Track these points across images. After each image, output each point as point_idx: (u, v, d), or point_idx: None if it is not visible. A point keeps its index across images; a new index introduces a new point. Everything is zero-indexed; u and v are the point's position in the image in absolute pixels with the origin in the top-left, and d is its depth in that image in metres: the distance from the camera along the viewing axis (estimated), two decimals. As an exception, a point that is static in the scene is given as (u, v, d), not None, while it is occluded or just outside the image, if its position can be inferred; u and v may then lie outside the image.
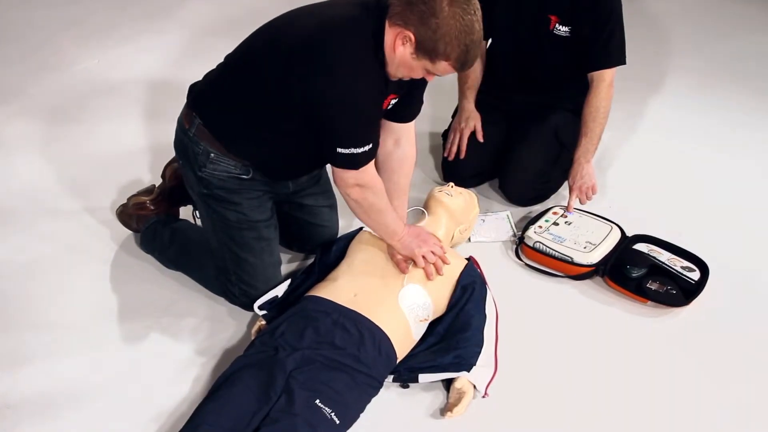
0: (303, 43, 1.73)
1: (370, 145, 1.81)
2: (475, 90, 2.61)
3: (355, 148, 1.79)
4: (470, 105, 2.60)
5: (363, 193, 1.89)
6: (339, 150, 1.79)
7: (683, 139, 3.03)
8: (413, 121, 2.07)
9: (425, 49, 1.70)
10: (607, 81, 2.40)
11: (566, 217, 2.44)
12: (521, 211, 2.59)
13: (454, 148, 2.59)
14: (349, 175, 1.85)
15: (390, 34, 1.72)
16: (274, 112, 1.84)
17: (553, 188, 2.62)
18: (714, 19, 4.06)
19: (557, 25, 2.37)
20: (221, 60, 1.96)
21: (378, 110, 1.87)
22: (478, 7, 1.70)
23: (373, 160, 1.87)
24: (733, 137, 3.06)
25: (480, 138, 2.58)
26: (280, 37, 1.80)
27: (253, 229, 2.04)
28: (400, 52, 1.73)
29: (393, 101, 1.92)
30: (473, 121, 2.58)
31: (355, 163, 1.82)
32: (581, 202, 2.45)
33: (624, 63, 2.40)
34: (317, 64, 1.71)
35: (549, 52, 2.45)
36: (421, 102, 2.05)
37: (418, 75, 1.80)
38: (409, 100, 1.98)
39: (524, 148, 2.54)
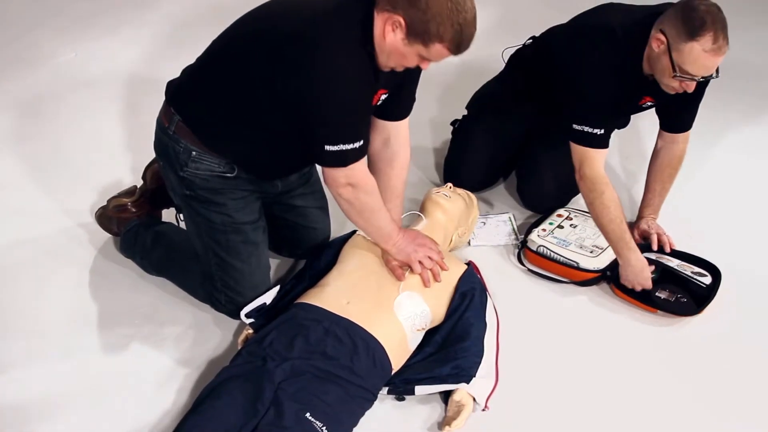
0: (288, 36, 1.73)
1: (361, 142, 1.82)
2: (631, 237, 2.25)
3: (344, 144, 1.79)
4: (638, 251, 2.24)
5: (355, 193, 1.90)
6: (327, 147, 1.79)
7: (692, 136, 3.03)
8: (406, 120, 2.07)
9: (417, 32, 1.70)
10: (689, 139, 2.40)
11: (571, 219, 2.45)
12: (524, 214, 2.59)
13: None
14: (340, 174, 1.85)
15: (379, 21, 1.72)
16: (258, 107, 1.84)
17: (575, 192, 2.56)
18: (726, 11, 4.06)
19: (648, 102, 2.35)
20: (207, 53, 1.96)
21: (368, 105, 1.88)
22: None
23: (365, 159, 1.88)
24: (745, 134, 3.07)
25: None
26: (264, 28, 1.81)
27: (239, 232, 2.04)
28: (390, 39, 1.73)
29: (383, 96, 1.92)
30: (648, 270, 2.23)
31: (345, 160, 1.82)
32: (666, 247, 2.36)
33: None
34: (304, 57, 1.71)
35: (625, 118, 2.47)
36: (413, 99, 2.06)
37: (412, 63, 1.80)
38: (399, 96, 1.99)
39: (549, 154, 2.50)
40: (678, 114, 2.36)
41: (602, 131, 2.19)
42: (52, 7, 3.90)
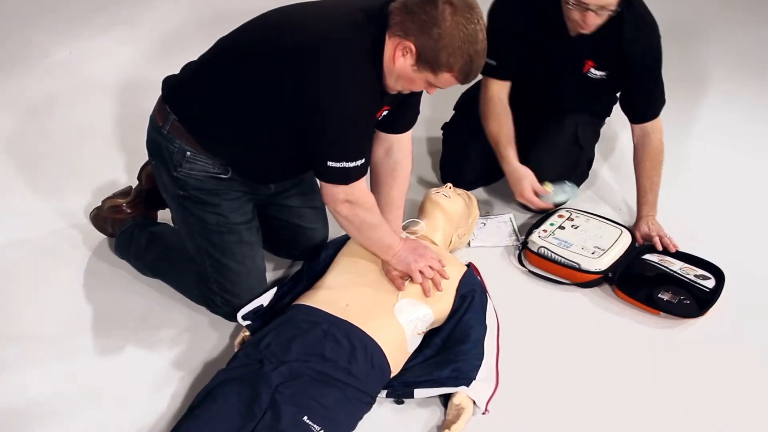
0: (300, 47, 1.74)
1: (363, 160, 1.83)
2: (513, 146, 2.46)
3: (346, 162, 1.80)
4: (514, 163, 2.43)
5: (353, 210, 1.90)
6: (330, 164, 1.80)
7: (695, 135, 3.04)
8: (409, 132, 2.08)
9: (427, 60, 1.72)
10: (661, 129, 2.40)
11: (572, 220, 2.44)
12: (524, 215, 2.59)
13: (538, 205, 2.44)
14: (339, 191, 1.85)
15: (390, 45, 1.74)
16: (261, 116, 1.84)
17: None
18: (730, 7, 4.07)
19: (592, 69, 2.38)
20: (206, 53, 1.96)
21: (372, 124, 1.89)
22: (482, 16, 1.72)
23: (365, 177, 1.89)
24: (751, 133, 3.07)
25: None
26: (276, 35, 1.81)
27: (233, 232, 2.03)
28: (400, 63, 1.74)
29: (385, 112, 1.94)
30: (527, 180, 2.39)
31: (346, 178, 1.83)
32: (670, 248, 2.37)
33: (665, 102, 2.42)
34: (313, 71, 1.72)
35: (579, 90, 2.48)
36: (417, 112, 2.07)
37: (419, 88, 1.82)
38: (402, 111, 2.00)
39: (543, 152, 2.52)
40: (638, 100, 2.40)
41: (495, 63, 2.35)
42: (46, 5, 3.90)
